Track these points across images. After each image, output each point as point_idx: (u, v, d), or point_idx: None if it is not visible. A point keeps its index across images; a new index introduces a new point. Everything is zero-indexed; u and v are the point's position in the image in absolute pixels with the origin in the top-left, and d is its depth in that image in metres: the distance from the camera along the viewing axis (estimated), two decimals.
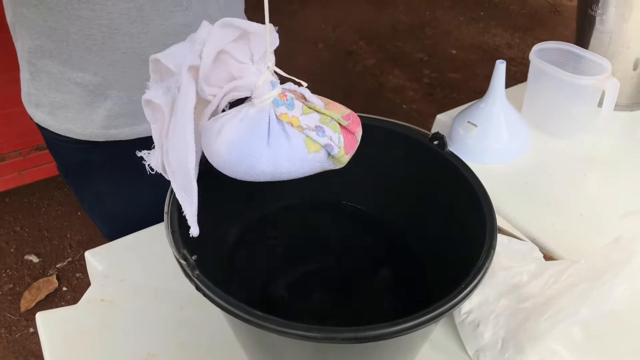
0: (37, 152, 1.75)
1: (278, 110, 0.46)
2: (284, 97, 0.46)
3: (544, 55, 0.99)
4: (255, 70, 0.45)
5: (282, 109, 0.46)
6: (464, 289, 0.45)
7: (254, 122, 0.45)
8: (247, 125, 0.45)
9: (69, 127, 0.80)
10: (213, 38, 0.43)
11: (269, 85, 0.45)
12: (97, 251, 0.81)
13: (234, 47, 0.44)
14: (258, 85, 0.45)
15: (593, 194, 0.91)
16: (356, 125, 0.48)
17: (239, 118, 0.45)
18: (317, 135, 0.46)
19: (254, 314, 0.43)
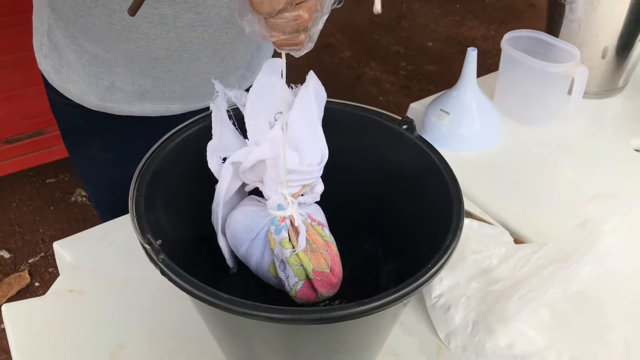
0: (6, 145, 1.71)
1: (272, 227, 0.56)
2: (281, 222, 0.55)
3: (515, 44, 1.00)
4: (274, 189, 0.55)
5: (272, 228, 0.56)
6: (430, 269, 0.45)
7: (252, 222, 0.57)
8: (247, 221, 0.57)
9: (68, 88, 0.81)
10: (262, 148, 0.54)
11: (276, 206, 0.55)
12: (66, 242, 0.79)
13: (272, 163, 0.54)
14: (269, 202, 0.55)
15: (563, 179, 0.92)
16: (324, 286, 0.55)
17: (243, 214, 0.58)
18: (279, 266, 0.56)
19: (219, 296, 0.42)
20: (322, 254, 0.55)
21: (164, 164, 0.55)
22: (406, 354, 0.65)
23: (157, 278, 0.69)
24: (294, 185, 0.55)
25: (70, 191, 1.98)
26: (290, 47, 0.44)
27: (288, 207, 0.55)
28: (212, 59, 0.77)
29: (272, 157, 0.54)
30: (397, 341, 0.66)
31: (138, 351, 0.65)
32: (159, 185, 0.54)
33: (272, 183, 0.55)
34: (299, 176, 0.54)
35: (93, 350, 0.65)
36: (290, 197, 0.55)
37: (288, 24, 0.42)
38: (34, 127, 1.74)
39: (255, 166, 0.55)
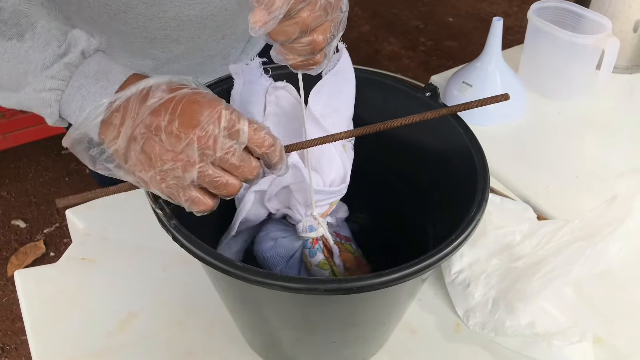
0: (21, 115, 1.70)
1: (305, 250, 0.57)
2: (314, 244, 0.56)
3: (543, 14, 0.96)
4: (303, 211, 0.56)
5: (306, 251, 0.57)
6: (453, 241, 0.43)
7: (286, 245, 0.58)
8: (277, 248, 0.58)
9: None
10: (281, 177, 0.52)
11: (307, 228, 0.56)
12: (78, 209, 0.78)
13: (296, 187, 0.55)
14: (300, 225, 0.56)
15: (589, 156, 0.89)
16: None
17: (272, 240, 0.58)
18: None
19: (233, 264, 0.41)
20: (354, 271, 0.57)
21: None
22: (424, 331, 0.63)
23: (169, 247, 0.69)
24: (321, 205, 0.55)
25: None
26: (306, 67, 0.44)
27: (319, 228, 0.55)
28: (212, 36, 0.73)
29: (295, 181, 0.54)
30: (415, 317, 0.64)
31: (149, 319, 0.64)
32: None
33: (300, 206, 0.55)
34: (325, 195, 0.54)
35: (104, 318, 0.64)
36: (320, 217, 0.55)
37: (304, 49, 0.41)
38: None
39: (279, 193, 0.55)
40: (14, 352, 1.43)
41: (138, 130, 0.39)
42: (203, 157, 0.39)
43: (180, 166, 0.39)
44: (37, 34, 0.44)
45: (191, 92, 0.40)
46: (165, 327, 0.63)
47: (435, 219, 0.57)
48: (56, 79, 0.43)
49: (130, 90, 0.40)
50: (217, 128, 0.39)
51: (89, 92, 0.43)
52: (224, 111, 0.39)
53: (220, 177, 0.40)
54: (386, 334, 0.59)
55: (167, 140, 0.39)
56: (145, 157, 0.40)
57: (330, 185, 0.53)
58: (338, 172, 0.54)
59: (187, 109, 0.39)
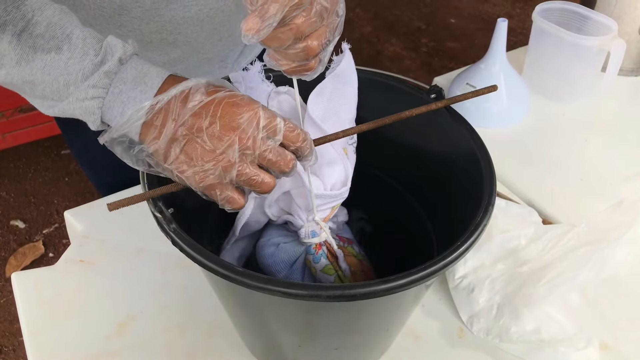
0: (21, 114, 1.69)
1: (308, 256, 0.56)
2: (317, 249, 0.55)
3: (547, 16, 0.95)
4: (305, 217, 0.54)
5: (310, 257, 0.56)
6: (460, 247, 0.42)
7: (288, 251, 0.56)
8: (280, 254, 0.56)
9: None
10: (283, 180, 0.53)
11: (310, 233, 0.54)
12: (77, 211, 0.77)
13: (297, 192, 0.54)
14: (302, 230, 0.55)
15: (594, 159, 0.88)
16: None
17: (274, 246, 0.57)
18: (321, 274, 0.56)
19: (234, 269, 0.40)
20: (359, 274, 0.56)
21: None
22: (427, 336, 0.62)
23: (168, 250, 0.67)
24: (323, 209, 0.54)
25: None
26: (300, 73, 0.44)
27: (322, 233, 0.54)
28: (209, 39, 0.72)
29: (295, 186, 0.53)
30: (418, 323, 0.63)
31: (147, 323, 0.63)
32: None
33: (302, 211, 0.54)
34: (326, 200, 0.53)
35: (102, 321, 0.63)
36: (322, 222, 0.54)
37: (298, 55, 0.41)
38: None
39: (280, 199, 0.55)
40: (12, 354, 1.42)
41: (180, 132, 0.41)
42: (243, 157, 0.42)
43: (221, 166, 0.41)
44: (74, 44, 0.45)
45: (230, 95, 0.42)
46: (164, 330, 0.62)
47: (440, 224, 0.57)
48: (97, 88, 0.44)
49: (171, 93, 0.42)
50: (257, 129, 0.41)
51: (128, 97, 0.44)
52: (262, 112, 0.41)
53: (257, 176, 0.42)
54: (389, 339, 0.58)
55: (209, 142, 0.41)
56: (186, 156, 0.42)
57: (331, 189, 0.52)
58: (339, 176, 0.53)
59: (228, 111, 0.41)
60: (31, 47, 0.44)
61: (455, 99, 0.54)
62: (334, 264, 0.54)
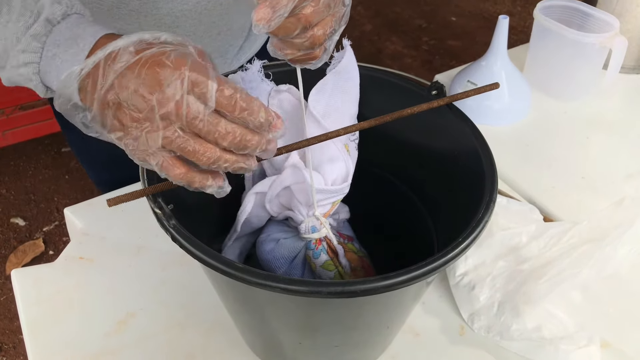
0: (21, 112, 1.69)
1: (308, 251, 0.55)
2: (317, 245, 0.55)
3: (549, 13, 0.95)
4: (305, 212, 0.54)
5: (309, 253, 0.55)
6: (461, 243, 0.42)
7: (288, 246, 0.56)
8: (280, 249, 0.56)
9: None
10: (284, 176, 0.53)
11: (310, 229, 0.54)
12: (76, 208, 0.77)
13: (297, 188, 0.53)
14: (302, 226, 0.54)
15: (595, 157, 0.87)
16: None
17: (273, 241, 0.57)
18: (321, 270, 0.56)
19: (234, 266, 0.39)
20: (359, 271, 0.56)
21: None
22: (427, 334, 0.62)
23: (168, 247, 0.67)
24: (323, 204, 0.54)
25: None
26: (305, 62, 0.43)
27: (322, 229, 0.54)
28: (207, 32, 0.72)
29: (296, 182, 0.53)
30: (419, 320, 0.63)
31: (147, 320, 0.63)
32: None
33: (302, 206, 0.54)
34: (327, 195, 0.53)
35: (102, 318, 0.63)
36: (322, 217, 0.54)
37: (304, 44, 0.40)
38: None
39: (280, 194, 0.54)
40: (12, 351, 1.42)
41: (109, 96, 0.38)
42: (168, 122, 0.37)
43: (144, 133, 0.37)
44: (13, 6, 0.42)
45: (157, 52, 0.37)
46: (164, 328, 0.62)
47: (441, 221, 0.56)
48: (27, 52, 0.42)
49: (98, 56, 0.38)
50: (180, 91, 0.36)
51: (62, 60, 0.41)
52: (188, 72, 0.36)
53: (188, 144, 0.37)
54: (389, 337, 0.58)
55: (133, 106, 0.37)
56: (118, 122, 0.38)
57: (332, 184, 0.52)
58: (340, 172, 0.53)
59: (150, 71, 0.37)
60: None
61: (457, 97, 0.53)
62: (334, 260, 0.54)
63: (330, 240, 0.54)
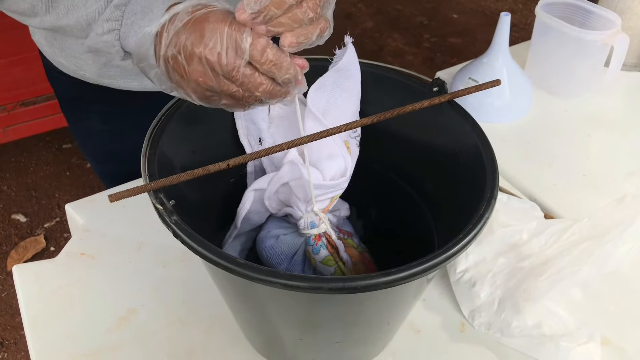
0: (22, 108, 1.69)
1: (308, 247, 0.56)
2: (317, 240, 0.55)
3: (550, 10, 0.95)
4: (304, 208, 0.54)
5: (309, 248, 0.56)
6: (462, 239, 0.42)
7: (288, 242, 0.56)
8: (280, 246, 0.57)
9: (61, 62, 0.77)
10: (282, 172, 0.53)
11: (309, 224, 0.54)
12: (78, 204, 0.77)
13: (296, 184, 0.53)
14: (301, 222, 0.55)
15: (597, 154, 0.87)
16: None
17: (273, 238, 0.57)
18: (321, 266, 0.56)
19: (235, 261, 0.39)
20: (360, 266, 0.56)
21: (177, 123, 0.52)
22: (428, 330, 0.62)
23: (169, 243, 0.67)
24: (322, 200, 0.54)
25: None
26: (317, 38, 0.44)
27: (321, 224, 0.54)
28: None
29: (294, 178, 0.53)
30: (419, 317, 0.63)
31: (148, 317, 0.63)
32: (172, 145, 0.51)
33: (301, 202, 0.54)
34: (325, 190, 0.53)
35: (103, 314, 0.63)
36: (321, 212, 0.54)
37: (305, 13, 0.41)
38: (51, 90, 1.71)
39: (279, 191, 0.55)
40: (13, 347, 1.43)
41: (169, 52, 0.43)
42: (214, 72, 0.42)
43: (201, 81, 0.43)
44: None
45: (207, 12, 0.43)
46: (165, 324, 0.62)
47: (442, 218, 0.56)
48: (110, 21, 0.48)
49: (164, 18, 0.44)
50: (219, 44, 0.41)
51: (140, 26, 0.47)
52: (227, 28, 0.41)
53: (236, 91, 0.43)
54: (390, 333, 0.58)
55: (186, 59, 0.43)
56: (178, 75, 0.44)
57: (330, 180, 0.52)
58: (338, 168, 0.53)
59: (198, 27, 0.42)
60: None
61: (458, 93, 0.53)
62: (334, 255, 0.54)
63: (330, 235, 0.54)
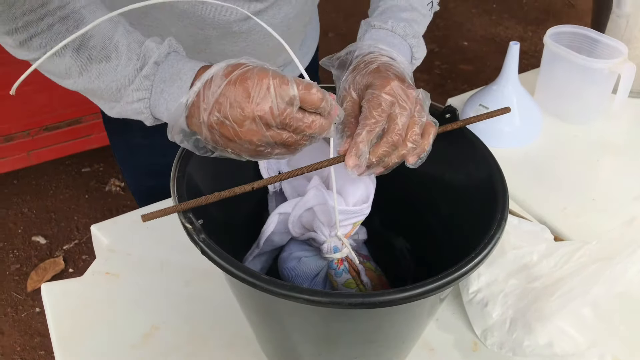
0: (45, 133, 1.74)
1: (330, 270, 0.58)
2: (339, 264, 0.57)
3: (559, 39, 0.98)
4: (327, 232, 0.56)
5: (331, 272, 0.58)
6: (474, 258, 0.44)
7: (310, 265, 0.58)
8: (302, 267, 0.59)
9: None
10: (307, 197, 0.56)
11: (332, 249, 0.56)
12: (103, 225, 0.80)
13: (320, 209, 0.56)
14: (324, 246, 0.57)
15: (605, 179, 0.89)
16: None
17: (296, 259, 0.59)
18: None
19: (259, 277, 0.42)
20: (379, 288, 0.58)
21: None
22: (441, 349, 0.64)
23: (192, 262, 0.70)
24: (345, 225, 0.56)
25: (105, 180, 2.02)
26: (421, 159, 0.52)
27: (343, 249, 0.56)
28: (253, 48, 0.74)
29: (318, 203, 0.56)
30: (433, 336, 0.64)
31: (171, 333, 0.65)
32: (201, 167, 0.54)
33: (324, 227, 0.56)
34: (348, 215, 0.56)
35: (127, 331, 0.65)
36: (344, 237, 0.56)
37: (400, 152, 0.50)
38: (74, 115, 1.76)
39: (302, 216, 0.57)
40: None
41: (211, 118, 0.45)
42: (268, 125, 0.44)
43: (255, 140, 0.44)
44: (120, 52, 0.50)
45: (244, 71, 0.44)
46: (187, 340, 0.64)
47: (453, 240, 0.58)
48: (140, 90, 0.50)
49: (197, 86, 0.45)
50: (269, 97, 0.43)
51: (169, 94, 0.49)
52: (272, 81, 0.43)
53: (290, 137, 0.45)
54: (405, 351, 0.60)
55: (235, 122, 0.44)
56: (226, 139, 0.45)
57: (353, 205, 0.55)
58: (361, 194, 0.56)
59: (241, 88, 0.43)
60: (88, 59, 0.49)
61: (470, 120, 0.56)
62: (356, 279, 0.56)
63: (352, 260, 0.57)
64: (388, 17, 0.63)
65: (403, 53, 0.60)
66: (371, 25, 0.62)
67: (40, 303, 1.56)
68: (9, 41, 0.50)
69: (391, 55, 0.56)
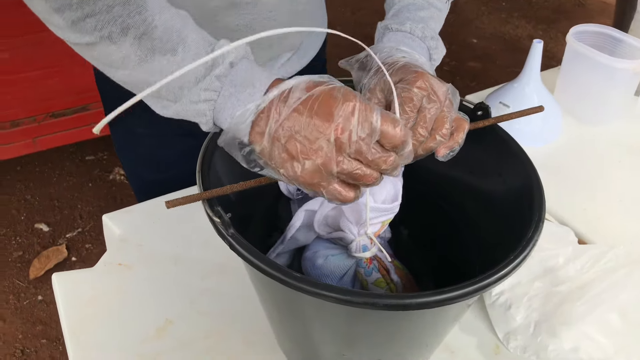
0: (52, 119, 1.72)
1: (359, 269, 0.56)
2: (369, 263, 0.56)
3: (581, 38, 0.96)
4: (356, 231, 0.54)
5: (361, 270, 0.56)
6: (513, 261, 0.42)
7: (337, 264, 0.57)
8: (330, 266, 0.57)
9: None
10: None
11: (361, 248, 0.55)
12: (114, 215, 0.79)
13: (348, 207, 0.54)
14: (353, 245, 0.55)
15: (627, 180, 0.88)
16: None
17: (322, 257, 0.58)
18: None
19: (291, 275, 0.40)
20: (408, 287, 0.57)
21: None
22: (463, 352, 0.62)
23: (205, 256, 0.68)
24: (374, 223, 0.54)
25: (109, 169, 2.00)
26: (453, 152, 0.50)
27: (372, 247, 0.55)
28: (259, 44, 0.74)
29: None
30: (455, 338, 0.63)
31: (186, 327, 0.64)
32: (225, 160, 0.52)
33: (353, 226, 0.55)
34: (377, 213, 0.54)
35: (141, 324, 0.64)
36: (373, 236, 0.54)
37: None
38: (80, 103, 1.74)
39: (328, 215, 0.56)
40: (34, 355, 1.43)
41: (280, 130, 0.42)
42: (340, 151, 0.41)
43: (319, 162, 0.41)
44: (188, 47, 0.46)
45: (329, 89, 0.42)
46: (202, 335, 0.63)
47: (483, 242, 0.57)
48: (209, 91, 0.46)
49: (273, 93, 0.43)
50: (352, 121, 0.40)
51: (238, 99, 0.45)
52: (358, 104, 0.41)
53: (359, 169, 0.42)
54: (426, 354, 0.59)
55: (307, 138, 0.41)
56: (288, 154, 0.42)
57: (382, 203, 0.53)
58: (388, 192, 0.54)
59: (324, 105, 0.41)
60: (150, 50, 0.45)
61: (502, 118, 0.54)
62: (386, 277, 0.55)
63: (381, 258, 0.55)
64: (405, 17, 0.60)
65: (422, 55, 0.59)
66: (388, 28, 0.60)
67: (43, 291, 1.56)
68: (59, 20, 0.45)
69: (413, 56, 0.55)
